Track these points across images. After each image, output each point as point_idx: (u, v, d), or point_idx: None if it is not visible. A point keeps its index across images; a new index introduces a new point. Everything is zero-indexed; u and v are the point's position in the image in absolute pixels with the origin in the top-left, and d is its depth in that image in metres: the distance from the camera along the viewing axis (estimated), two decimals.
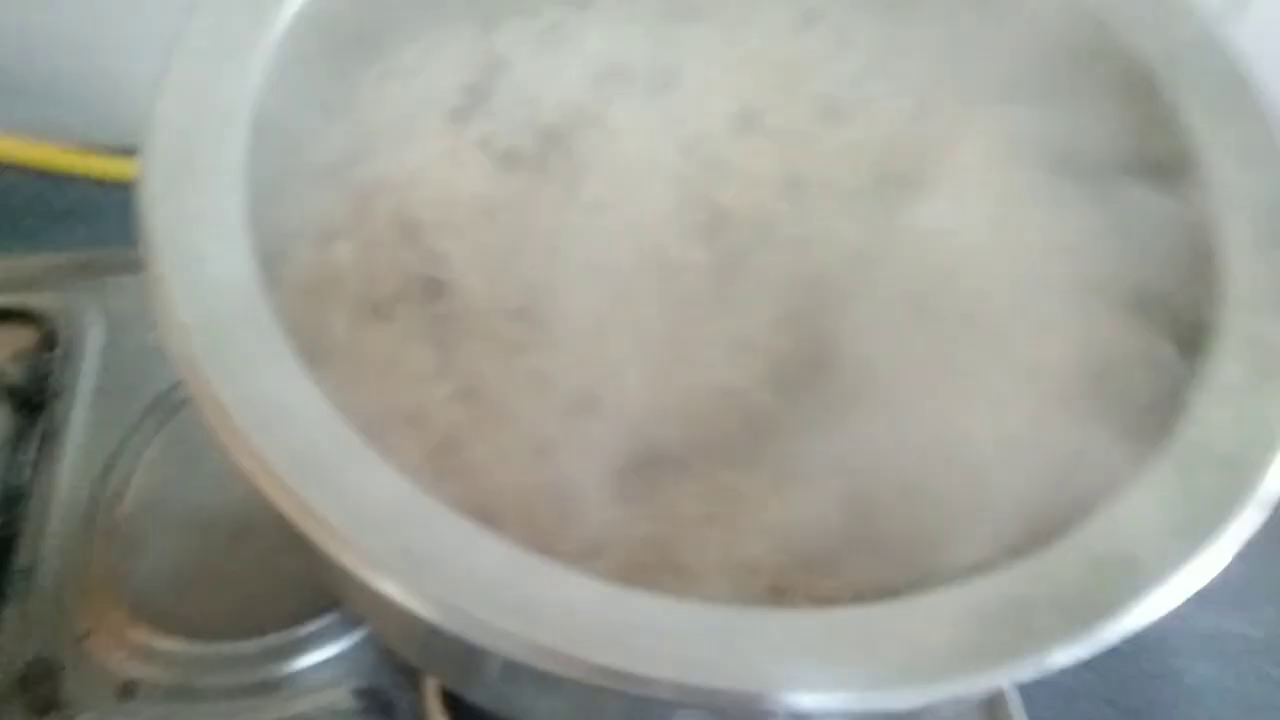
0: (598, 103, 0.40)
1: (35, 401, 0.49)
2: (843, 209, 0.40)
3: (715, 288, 0.38)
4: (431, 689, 0.42)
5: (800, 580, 0.32)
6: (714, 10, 0.42)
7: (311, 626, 0.45)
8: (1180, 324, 0.32)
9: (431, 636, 0.29)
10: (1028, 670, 0.23)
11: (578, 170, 0.39)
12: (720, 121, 0.41)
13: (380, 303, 0.35)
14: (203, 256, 0.27)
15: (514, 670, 0.28)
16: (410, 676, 0.44)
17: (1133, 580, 0.24)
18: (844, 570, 0.31)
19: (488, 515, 0.32)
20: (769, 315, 0.38)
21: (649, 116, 0.40)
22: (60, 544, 0.45)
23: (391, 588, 0.23)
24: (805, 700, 0.23)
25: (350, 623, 0.45)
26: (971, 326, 0.37)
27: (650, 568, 0.32)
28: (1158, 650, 0.65)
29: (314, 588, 0.44)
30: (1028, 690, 0.50)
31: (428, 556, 0.23)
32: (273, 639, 0.44)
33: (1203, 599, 0.69)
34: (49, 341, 0.51)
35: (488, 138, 0.38)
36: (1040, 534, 0.27)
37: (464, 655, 0.30)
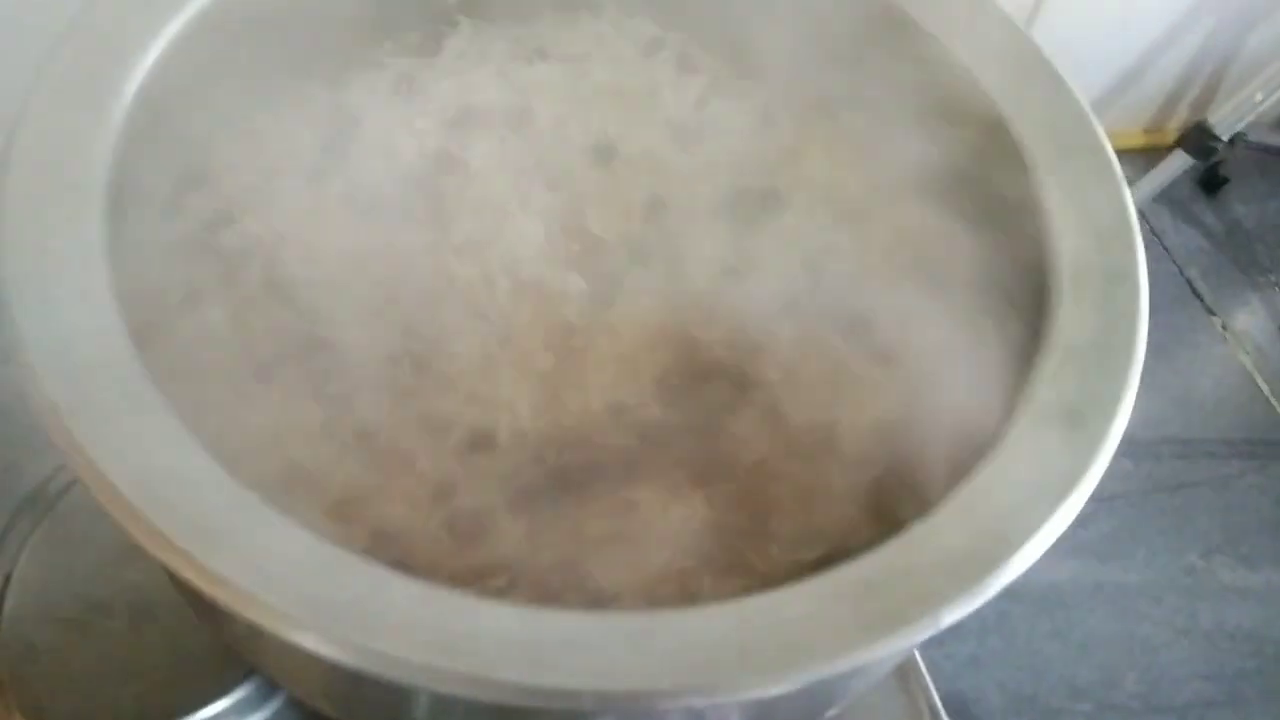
0: (457, 147, 0.41)
1: None
2: (705, 225, 0.41)
3: (595, 313, 0.39)
4: None
5: (708, 582, 0.33)
6: (559, 47, 0.44)
7: (223, 704, 0.43)
8: (1024, 298, 0.34)
9: (354, 686, 0.29)
10: (923, 632, 0.25)
11: (445, 214, 0.40)
12: (579, 154, 0.42)
13: (260, 365, 0.34)
14: (71, 337, 0.26)
15: (443, 709, 0.28)
16: None
17: (1004, 535, 0.26)
18: (747, 566, 0.33)
19: (396, 560, 0.32)
20: (649, 333, 0.39)
21: (509, 155, 0.41)
22: None
23: (306, 639, 0.23)
24: (723, 693, 0.24)
25: (264, 695, 0.44)
26: (837, 324, 0.39)
27: (563, 591, 0.33)
28: (1051, 609, 0.69)
29: (225, 661, 0.43)
30: (937, 661, 0.53)
31: (338, 604, 0.23)
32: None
33: (1082, 553, 0.73)
34: None
35: (350, 192, 0.39)
36: (920, 505, 0.29)
37: (389, 700, 0.30)
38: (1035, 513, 0.27)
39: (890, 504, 0.33)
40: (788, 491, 0.35)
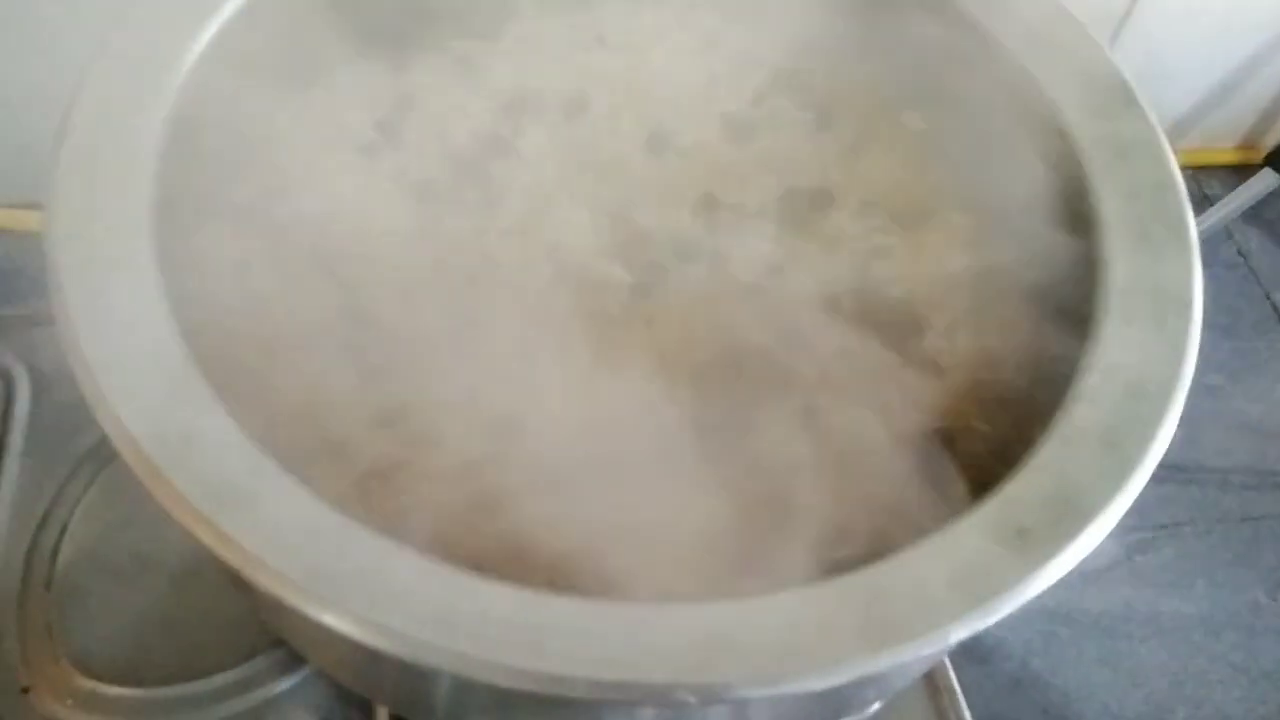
0: (510, 132, 0.41)
1: None
2: (754, 222, 0.41)
3: (636, 304, 0.39)
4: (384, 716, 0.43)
5: (724, 580, 0.32)
6: (620, 36, 0.43)
7: (259, 664, 0.44)
8: (1073, 313, 0.33)
9: (368, 661, 0.30)
10: (928, 646, 0.24)
11: (493, 198, 0.40)
12: (631, 144, 0.42)
13: (299, 335, 0.35)
14: (111, 298, 0.27)
15: (458, 692, 0.29)
16: (364, 705, 0.44)
17: (1022, 555, 0.25)
18: (765, 566, 0.32)
19: (417, 535, 0.33)
20: (689, 328, 0.39)
21: (562, 143, 0.41)
22: None
23: (312, 607, 0.24)
24: (718, 690, 0.23)
25: (296, 658, 0.45)
26: (879, 328, 0.38)
27: (578, 577, 0.33)
28: (1101, 636, 0.66)
29: (261, 623, 0.44)
30: (976, 679, 0.51)
31: (344, 574, 0.24)
32: (220, 679, 0.44)
33: (1140, 580, 0.70)
34: None
35: (402, 170, 0.39)
36: (949, 516, 0.29)
37: (399, 678, 0.30)
38: (1058, 534, 0.26)
39: (920, 513, 0.32)
40: (817, 494, 0.34)
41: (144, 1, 0.33)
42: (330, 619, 0.23)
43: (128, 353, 0.26)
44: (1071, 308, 0.34)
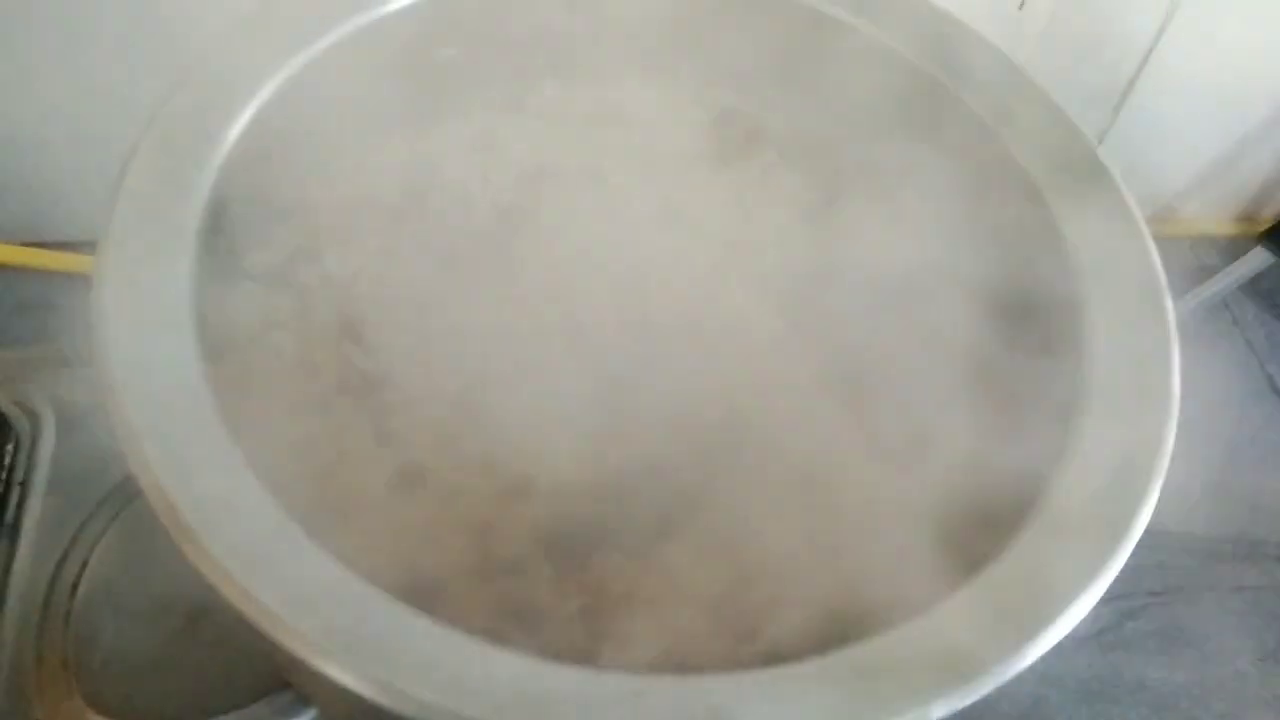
0: (529, 202, 0.43)
1: None
2: (760, 297, 0.43)
3: (644, 374, 0.41)
4: None
5: (723, 646, 0.34)
6: (636, 112, 0.45)
7: (267, 705, 0.46)
8: (1057, 402, 0.35)
9: (377, 716, 0.31)
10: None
11: (512, 267, 0.42)
12: (645, 218, 0.44)
13: (322, 396, 0.37)
14: (153, 364, 0.29)
15: None
16: None
17: (1001, 637, 0.27)
18: (763, 636, 0.34)
19: (428, 595, 0.34)
20: (695, 398, 0.40)
21: (578, 215, 0.43)
22: (15, 634, 0.46)
23: (329, 667, 0.25)
24: None
25: (305, 700, 0.46)
26: (879, 401, 0.40)
27: (583, 639, 0.34)
28: (1090, 700, 0.67)
29: (268, 669, 0.45)
30: None
31: (361, 637, 0.25)
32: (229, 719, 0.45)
33: (1130, 645, 0.71)
34: (3, 434, 0.52)
35: (425, 238, 0.41)
36: (936, 597, 0.30)
37: None
38: (1032, 619, 0.27)
39: (911, 591, 0.34)
40: (811, 566, 0.36)
41: (192, 79, 0.35)
42: (348, 680, 0.25)
43: (168, 418, 0.28)
44: (1053, 396, 0.35)
